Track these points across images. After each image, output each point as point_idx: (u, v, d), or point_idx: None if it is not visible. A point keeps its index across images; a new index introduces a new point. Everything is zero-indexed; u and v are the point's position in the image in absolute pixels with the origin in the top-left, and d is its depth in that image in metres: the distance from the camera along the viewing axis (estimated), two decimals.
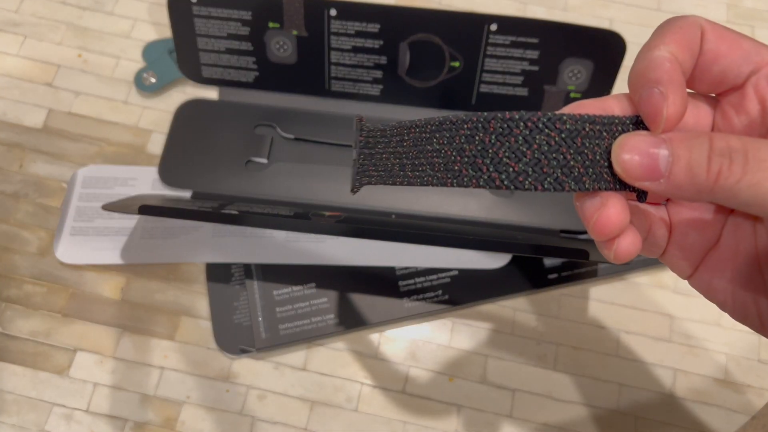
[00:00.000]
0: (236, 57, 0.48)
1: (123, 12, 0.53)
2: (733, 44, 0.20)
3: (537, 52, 0.46)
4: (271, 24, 0.47)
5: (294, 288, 0.45)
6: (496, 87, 0.48)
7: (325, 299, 0.44)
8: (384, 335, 0.44)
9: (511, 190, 0.23)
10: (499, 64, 0.47)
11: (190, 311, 0.45)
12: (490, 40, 0.45)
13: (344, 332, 0.44)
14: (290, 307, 0.44)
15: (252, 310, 0.44)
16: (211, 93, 0.51)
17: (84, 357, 0.43)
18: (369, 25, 0.46)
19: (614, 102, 0.20)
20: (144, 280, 0.45)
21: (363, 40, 0.47)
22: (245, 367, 0.43)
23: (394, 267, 0.45)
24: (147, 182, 0.47)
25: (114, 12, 0.53)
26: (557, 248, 0.38)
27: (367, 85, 0.49)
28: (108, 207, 0.40)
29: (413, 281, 0.45)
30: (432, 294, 0.45)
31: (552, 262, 0.46)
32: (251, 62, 0.49)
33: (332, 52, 0.47)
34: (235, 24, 0.47)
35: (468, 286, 0.45)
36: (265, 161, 0.47)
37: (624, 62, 0.45)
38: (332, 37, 0.47)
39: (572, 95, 0.47)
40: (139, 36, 0.52)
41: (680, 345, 0.44)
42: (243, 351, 0.43)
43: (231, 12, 0.46)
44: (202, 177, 0.47)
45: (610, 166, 0.19)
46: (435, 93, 0.48)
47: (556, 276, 0.45)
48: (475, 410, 0.43)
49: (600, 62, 0.45)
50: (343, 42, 0.47)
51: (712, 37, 0.20)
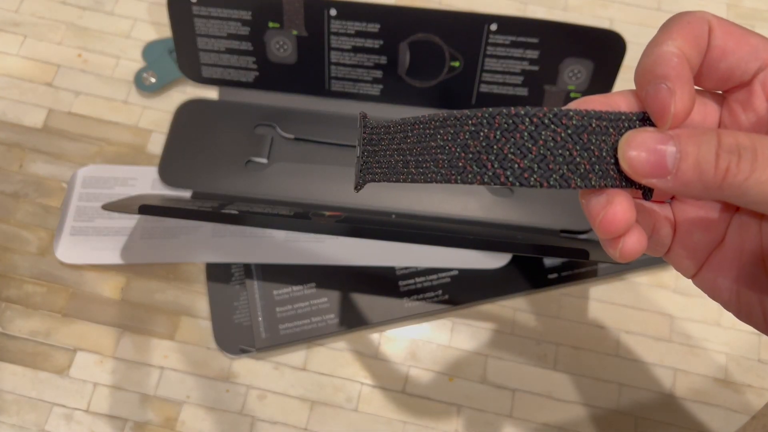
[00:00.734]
0: (236, 57, 0.48)
1: (123, 12, 0.53)
2: (741, 40, 0.20)
3: (537, 52, 0.46)
4: (271, 24, 0.47)
5: (294, 288, 0.45)
6: (496, 87, 0.48)
7: (325, 299, 0.44)
8: (384, 335, 0.44)
9: (516, 187, 0.22)
10: (499, 64, 0.47)
11: (190, 311, 0.44)
12: (490, 40, 0.45)
13: (344, 332, 0.44)
14: (290, 307, 0.44)
15: (252, 310, 0.44)
16: (211, 93, 0.51)
17: (84, 357, 0.43)
18: (369, 25, 0.46)
19: (620, 98, 0.20)
20: (144, 280, 0.45)
21: (363, 40, 0.47)
22: (245, 367, 0.43)
23: (394, 267, 0.45)
24: (147, 182, 0.47)
25: (114, 12, 0.53)
26: (557, 248, 0.38)
27: (367, 85, 0.49)
28: (108, 207, 0.40)
29: (413, 281, 0.45)
30: (432, 294, 0.45)
31: (552, 262, 0.46)
32: (251, 62, 0.49)
33: (332, 52, 0.47)
34: (235, 24, 0.47)
35: (468, 286, 0.45)
36: (265, 161, 0.47)
37: (624, 62, 0.45)
38: (332, 37, 0.47)
39: (572, 95, 0.47)
40: (139, 36, 0.52)
41: (680, 345, 0.44)
42: (243, 351, 0.43)
43: (231, 12, 0.46)
44: (202, 177, 0.47)
45: (617, 163, 0.19)
46: (435, 93, 0.48)
47: (556, 276, 0.45)
48: (475, 410, 0.43)
49: (600, 62, 0.45)
50: (343, 42, 0.47)
51: (720, 33, 0.20)
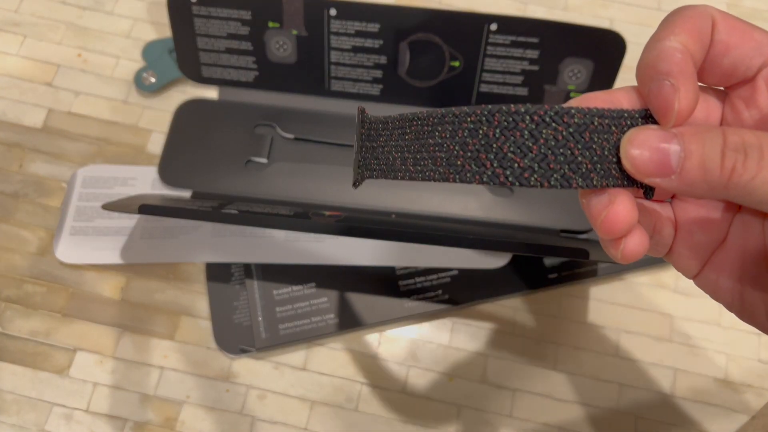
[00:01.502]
0: (236, 57, 0.48)
1: (123, 12, 0.53)
2: (745, 35, 0.19)
3: (537, 52, 0.46)
4: (271, 24, 0.47)
5: (294, 288, 0.45)
6: (496, 87, 0.48)
7: (325, 299, 0.44)
8: (384, 335, 0.44)
9: (516, 187, 0.22)
10: (499, 64, 0.47)
11: (190, 311, 0.44)
12: (490, 40, 0.45)
13: (344, 332, 0.44)
14: (290, 307, 0.44)
15: (252, 310, 0.44)
16: (211, 93, 0.51)
17: (84, 357, 0.43)
18: (369, 25, 0.46)
19: (623, 95, 0.20)
20: (144, 280, 0.45)
21: (363, 40, 0.47)
22: (245, 367, 0.43)
23: (394, 267, 0.45)
24: (147, 182, 0.47)
25: (114, 12, 0.53)
26: (557, 248, 0.38)
27: (367, 85, 0.49)
28: (108, 206, 0.40)
29: (413, 281, 0.45)
30: (432, 294, 0.45)
31: (552, 262, 0.46)
32: (251, 62, 0.49)
33: (332, 52, 0.47)
34: (235, 24, 0.47)
35: (468, 286, 0.45)
36: (265, 161, 0.47)
37: (624, 62, 0.45)
38: (332, 37, 0.47)
39: (572, 95, 0.47)
40: (139, 36, 0.52)
41: (680, 345, 0.44)
42: (243, 351, 0.43)
43: (231, 12, 0.46)
44: (202, 177, 0.47)
45: (619, 162, 0.18)
46: (435, 93, 0.48)
47: (556, 276, 0.45)
48: (475, 410, 0.43)
49: (600, 62, 0.45)
50: (343, 42, 0.47)
51: (723, 28, 0.19)
